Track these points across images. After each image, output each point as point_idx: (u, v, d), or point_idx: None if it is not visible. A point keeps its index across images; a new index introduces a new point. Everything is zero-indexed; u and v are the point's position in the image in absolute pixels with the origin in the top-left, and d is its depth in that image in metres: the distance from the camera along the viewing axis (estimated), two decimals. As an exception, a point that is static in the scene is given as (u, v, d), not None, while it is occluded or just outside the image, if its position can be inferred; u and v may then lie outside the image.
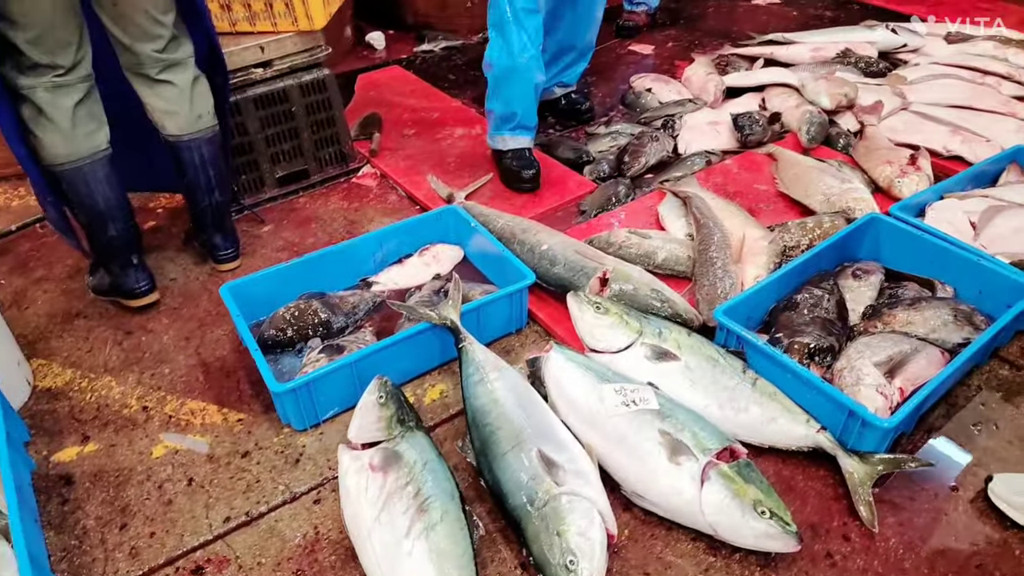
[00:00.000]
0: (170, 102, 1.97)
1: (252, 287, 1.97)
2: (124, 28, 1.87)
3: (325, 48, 2.55)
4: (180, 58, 1.96)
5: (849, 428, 1.58)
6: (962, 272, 1.94)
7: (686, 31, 4.06)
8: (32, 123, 1.78)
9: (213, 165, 2.07)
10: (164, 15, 1.89)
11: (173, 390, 1.88)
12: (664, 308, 1.89)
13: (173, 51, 1.95)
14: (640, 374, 1.71)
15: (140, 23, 1.86)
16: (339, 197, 2.66)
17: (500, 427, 1.53)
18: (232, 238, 2.26)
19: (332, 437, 1.73)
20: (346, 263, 2.11)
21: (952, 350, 1.79)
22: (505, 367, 1.68)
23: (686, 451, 1.46)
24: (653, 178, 2.64)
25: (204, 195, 2.10)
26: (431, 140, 2.95)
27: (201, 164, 2.04)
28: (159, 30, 1.89)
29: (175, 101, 1.96)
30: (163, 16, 1.89)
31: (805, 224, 2.20)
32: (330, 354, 1.82)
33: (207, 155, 2.04)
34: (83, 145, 1.83)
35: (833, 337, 1.79)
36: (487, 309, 1.90)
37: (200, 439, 1.74)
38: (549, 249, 2.06)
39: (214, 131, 2.07)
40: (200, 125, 2.02)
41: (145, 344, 2.02)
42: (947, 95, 2.97)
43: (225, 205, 2.18)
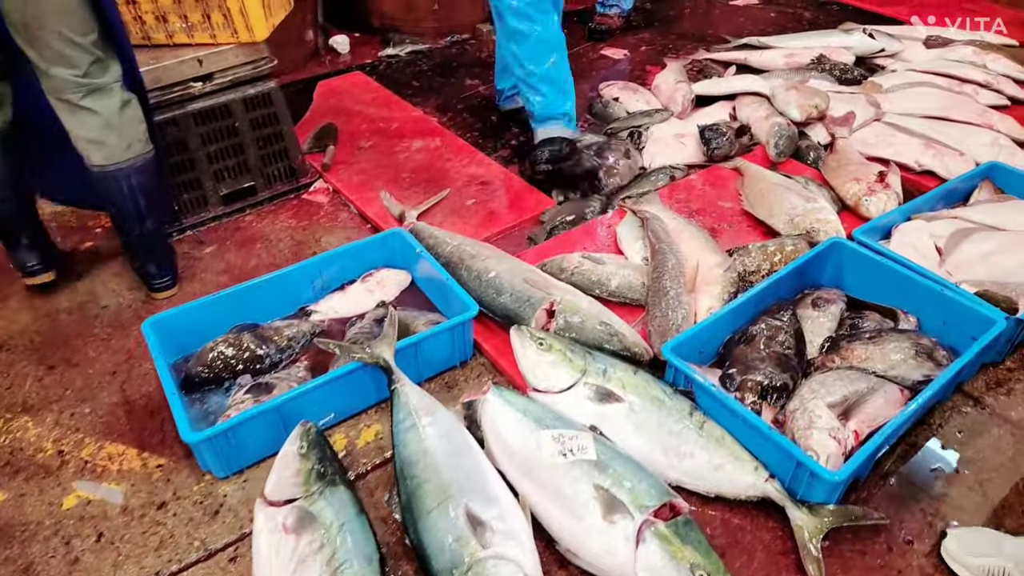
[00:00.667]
0: (94, 131, 1.83)
1: (180, 320, 1.86)
2: (39, 52, 1.74)
3: (271, 60, 2.43)
4: (104, 83, 1.82)
5: (798, 477, 1.49)
6: (926, 302, 1.85)
7: (660, 34, 3.95)
8: None
9: (144, 193, 1.94)
10: (82, 37, 1.75)
11: (92, 431, 1.77)
12: (613, 342, 1.80)
13: (97, 75, 1.80)
14: (583, 416, 1.61)
15: (55, 46, 1.72)
16: (288, 215, 2.55)
17: (427, 480, 1.44)
18: (167, 265, 2.15)
19: (256, 485, 1.63)
20: (283, 291, 2.01)
21: (912, 387, 1.70)
22: (440, 411, 1.59)
23: (621, 508, 1.37)
24: (616, 194, 2.54)
25: (134, 224, 1.98)
26: (388, 153, 2.83)
27: (131, 193, 1.91)
28: (77, 53, 1.75)
29: (100, 130, 1.83)
30: (81, 38, 1.75)
31: (766, 248, 2.10)
32: (257, 394, 1.72)
33: (137, 184, 1.92)
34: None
35: (788, 374, 1.69)
36: (427, 344, 1.80)
37: (115, 488, 1.64)
38: (496, 277, 1.96)
39: (147, 158, 1.94)
40: (131, 153, 1.89)
41: (68, 379, 1.92)
42: (923, 104, 2.88)
43: (157, 232, 2.07)
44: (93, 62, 1.79)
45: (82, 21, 1.74)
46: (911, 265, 1.90)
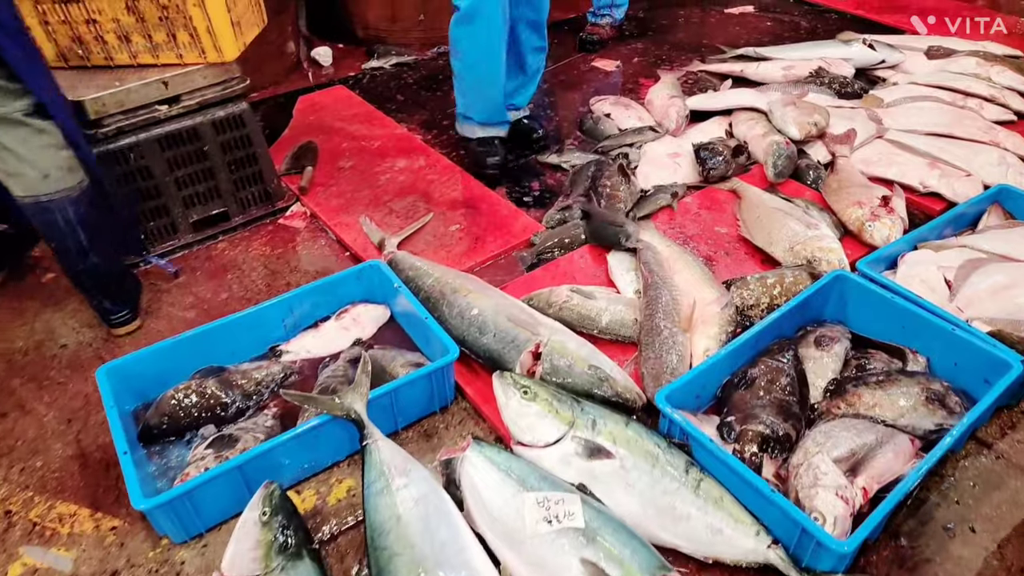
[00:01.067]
0: (6, 162, 1.70)
1: (139, 366, 1.74)
2: None
3: (242, 79, 2.31)
4: (5, 112, 1.66)
5: (803, 543, 1.37)
6: (936, 341, 1.74)
7: (654, 44, 3.83)
8: None
9: (83, 225, 1.81)
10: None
11: (43, 489, 1.65)
12: (603, 387, 1.68)
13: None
14: (570, 473, 1.49)
15: None
16: (262, 241, 2.43)
17: (400, 552, 1.32)
18: (123, 299, 2.01)
19: (217, 550, 1.50)
20: (251, 331, 1.88)
21: (923, 436, 1.59)
22: (415, 469, 1.47)
23: (611, 586, 1.25)
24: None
25: (75, 259, 1.85)
26: (369, 173, 2.71)
27: (67, 225, 1.78)
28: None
29: (11, 161, 1.70)
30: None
31: (765, 280, 1.98)
32: (219, 448, 1.59)
33: (74, 216, 1.78)
34: None
35: (790, 423, 1.58)
36: (404, 391, 1.67)
37: (64, 555, 1.51)
38: (479, 314, 1.84)
39: (77, 189, 1.79)
40: (52, 186, 1.74)
41: (20, 429, 1.79)
42: (926, 120, 2.77)
43: (106, 267, 1.93)
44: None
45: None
46: (920, 301, 1.78)
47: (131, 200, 2.15)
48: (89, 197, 1.82)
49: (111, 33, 2.09)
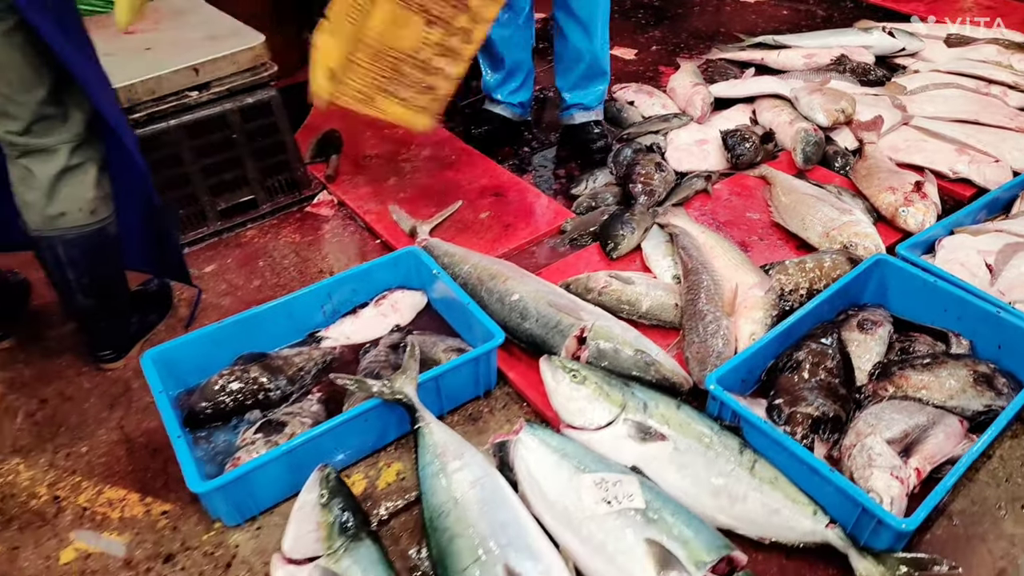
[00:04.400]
0: (28, 191, 1.60)
1: (182, 351, 1.73)
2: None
3: (271, 66, 2.29)
4: (47, 144, 1.56)
5: (862, 523, 1.38)
6: (980, 324, 1.74)
7: (671, 32, 3.82)
8: None
9: (76, 268, 1.67)
10: (23, 94, 1.49)
11: (90, 474, 1.64)
12: (650, 371, 1.68)
13: (39, 135, 1.54)
14: (623, 455, 1.49)
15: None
16: (291, 229, 2.42)
17: (460, 534, 1.31)
18: (113, 339, 1.88)
19: (271, 533, 1.50)
20: (291, 317, 1.87)
21: (972, 418, 1.59)
22: (469, 452, 1.46)
23: (677, 565, 1.26)
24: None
25: (65, 298, 1.75)
26: (394, 162, 2.70)
27: (57, 266, 1.67)
28: (15, 110, 1.51)
29: (32, 192, 1.59)
30: (21, 95, 1.49)
31: (804, 264, 1.98)
32: (268, 433, 1.59)
33: (66, 257, 1.65)
34: None
35: (839, 404, 1.58)
36: (449, 376, 1.67)
37: (117, 539, 1.50)
38: (520, 300, 1.84)
39: (82, 232, 1.64)
40: (60, 224, 1.62)
41: (62, 415, 1.78)
42: (950, 107, 2.77)
43: (95, 311, 1.79)
44: (37, 120, 1.53)
45: (22, 77, 1.48)
46: (963, 284, 1.79)
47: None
48: (91, 243, 1.68)
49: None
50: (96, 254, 1.70)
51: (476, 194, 2.52)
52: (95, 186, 1.63)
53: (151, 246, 1.91)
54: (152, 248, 1.92)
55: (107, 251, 1.73)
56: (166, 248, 1.93)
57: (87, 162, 1.61)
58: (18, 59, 1.44)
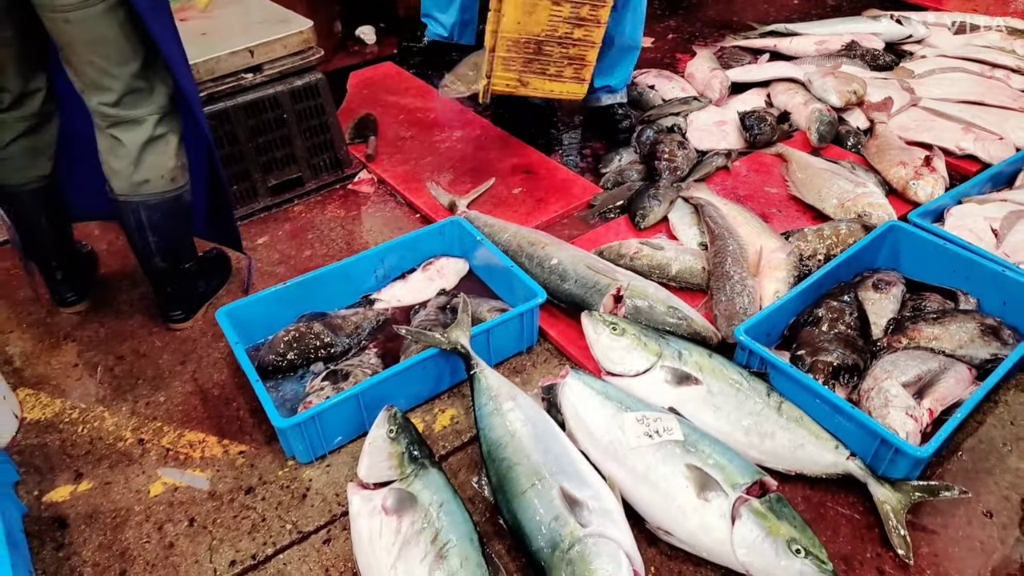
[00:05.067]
0: (116, 159, 1.73)
1: (249, 309, 1.88)
2: (75, 74, 1.65)
3: (317, 50, 2.44)
4: (136, 115, 1.69)
5: (880, 455, 1.52)
6: (986, 283, 1.88)
7: (686, 21, 3.96)
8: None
9: (156, 231, 1.81)
10: (118, 67, 1.62)
11: (170, 420, 1.79)
12: (682, 326, 1.82)
13: (129, 107, 1.67)
14: (660, 399, 1.64)
15: (87, 73, 1.63)
16: (336, 205, 2.56)
17: (518, 462, 1.46)
18: (179, 302, 2.02)
19: (339, 469, 1.65)
20: (347, 281, 2.02)
21: (979, 366, 1.73)
22: (520, 395, 1.61)
23: (715, 486, 1.40)
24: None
25: (144, 259, 1.89)
26: (429, 142, 2.84)
27: (139, 229, 1.80)
28: (109, 82, 1.63)
29: (119, 160, 1.72)
30: (117, 68, 1.62)
31: (822, 231, 2.13)
32: (334, 380, 1.74)
33: (148, 221, 1.79)
34: (14, 177, 1.82)
35: (857, 354, 1.73)
36: (497, 330, 1.82)
37: (200, 474, 1.65)
38: (559, 264, 1.98)
39: (163, 197, 1.78)
40: (144, 190, 1.75)
41: (138, 369, 1.93)
42: (956, 90, 2.90)
43: (168, 272, 1.92)
44: (127, 92, 1.66)
45: (120, 51, 1.60)
46: (971, 247, 1.93)
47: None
48: (171, 207, 1.82)
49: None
50: (173, 219, 1.85)
51: (508, 172, 2.66)
52: (175, 155, 1.78)
53: (213, 214, 2.06)
54: (213, 216, 2.07)
55: (182, 216, 1.87)
56: (225, 217, 2.08)
57: (169, 133, 1.76)
58: (117, 34, 1.58)
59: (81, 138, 1.81)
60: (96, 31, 1.57)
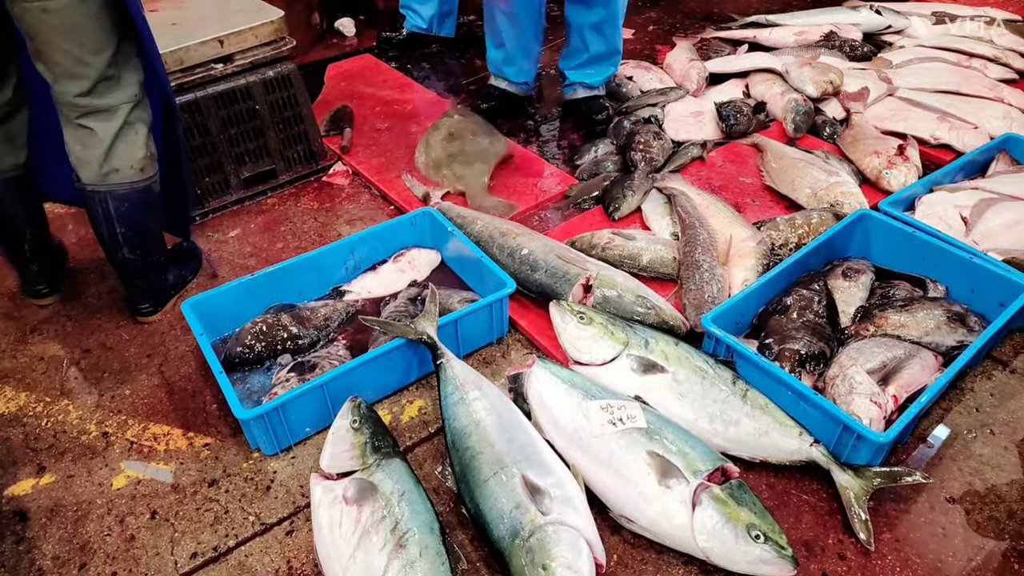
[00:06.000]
0: (85, 149, 1.71)
1: (217, 301, 1.86)
2: (45, 64, 1.63)
3: (289, 40, 2.42)
4: (108, 104, 1.67)
5: (843, 441, 1.52)
6: (954, 270, 1.89)
7: (667, 12, 3.95)
8: None
9: (124, 222, 1.79)
10: (93, 55, 1.60)
11: (135, 413, 1.78)
12: (650, 315, 1.82)
13: (101, 95, 1.66)
14: (627, 387, 1.64)
15: (60, 62, 1.60)
16: (309, 197, 2.55)
17: (481, 451, 1.46)
18: (151, 294, 2.00)
19: (305, 461, 1.64)
20: (316, 272, 2.01)
21: (946, 353, 1.74)
22: (486, 384, 1.60)
23: (676, 473, 1.40)
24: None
25: (110, 250, 1.86)
26: (405, 134, 2.83)
27: (106, 219, 1.78)
28: (83, 70, 1.61)
29: (90, 150, 1.70)
30: (91, 56, 1.60)
31: (794, 220, 2.13)
32: (300, 372, 1.73)
33: (115, 211, 1.77)
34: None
35: (824, 342, 1.73)
36: (466, 321, 1.81)
37: (164, 467, 1.64)
38: (530, 254, 1.97)
39: (132, 187, 1.77)
40: (112, 180, 1.74)
41: (104, 362, 1.91)
42: (933, 80, 2.91)
43: (135, 264, 1.89)
44: (100, 80, 1.64)
45: (95, 38, 1.59)
46: (939, 235, 1.93)
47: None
48: (140, 197, 1.80)
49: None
50: (142, 209, 1.83)
51: (483, 163, 2.64)
52: (145, 144, 1.77)
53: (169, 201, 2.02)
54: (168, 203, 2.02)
55: (151, 207, 1.86)
56: (180, 204, 2.05)
57: (139, 122, 1.75)
58: (94, 21, 1.57)
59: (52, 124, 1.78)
60: (73, 19, 1.56)
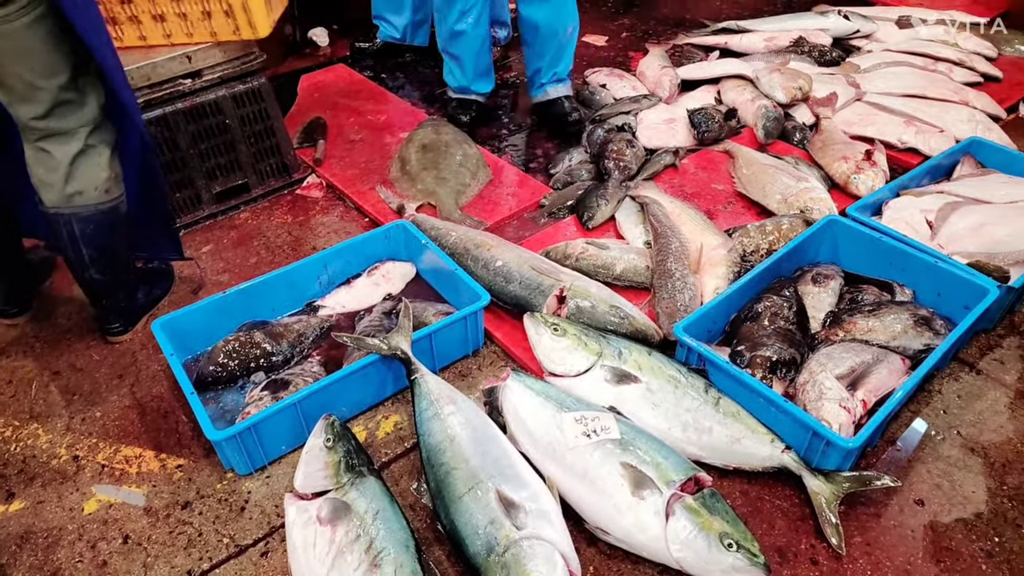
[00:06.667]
0: (46, 171, 1.69)
1: (188, 320, 1.85)
2: (1, 88, 1.60)
3: (259, 55, 2.40)
4: (66, 127, 1.66)
5: (813, 447, 1.54)
6: (920, 274, 1.92)
7: (639, 19, 3.98)
8: None
9: (90, 244, 1.78)
10: (46, 79, 1.58)
11: (106, 435, 1.75)
12: (624, 324, 1.83)
13: (58, 119, 1.64)
14: (601, 398, 1.65)
15: (13, 85, 1.58)
16: (283, 211, 2.53)
17: (456, 467, 1.46)
18: (121, 314, 1.98)
19: (279, 480, 1.63)
20: (290, 288, 2.00)
21: (913, 356, 1.77)
22: (460, 399, 1.61)
23: (650, 484, 1.41)
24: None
25: (77, 271, 1.85)
26: (379, 145, 2.82)
27: (72, 241, 1.76)
28: (36, 94, 1.59)
29: (50, 173, 1.69)
30: (44, 80, 1.58)
31: (764, 227, 2.15)
32: (274, 390, 1.72)
33: (80, 233, 1.75)
34: None
35: (794, 348, 1.75)
36: (441, 334, 1.81)
37: (136, 490, 1.62)
38: (504, 266, 1.98)
39: (97, 209, 1.75)
40: (76, 202, 1.72)
41: (75, 384, 1.89)
42: (900, 84, 2.96)
43: (104, 285, 1.88)
44: (57, 105, 1.62)
45: (47, 63, 1.56)
46: (906, 239, 1.96)
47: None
48: (106, 219, 1.78)
49: (146, 13, 2.15)
50: (108, 230, 1.81)
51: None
52: (108, 166, 1.74)
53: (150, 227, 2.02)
54: (151, 229, 2.02)
55: (118, 228, 1.84)
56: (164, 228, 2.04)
57: (101, 144, 1.72)
58: (44, 45, 1.54)
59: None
60: (24, 43, 1.53)
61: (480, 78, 2.91)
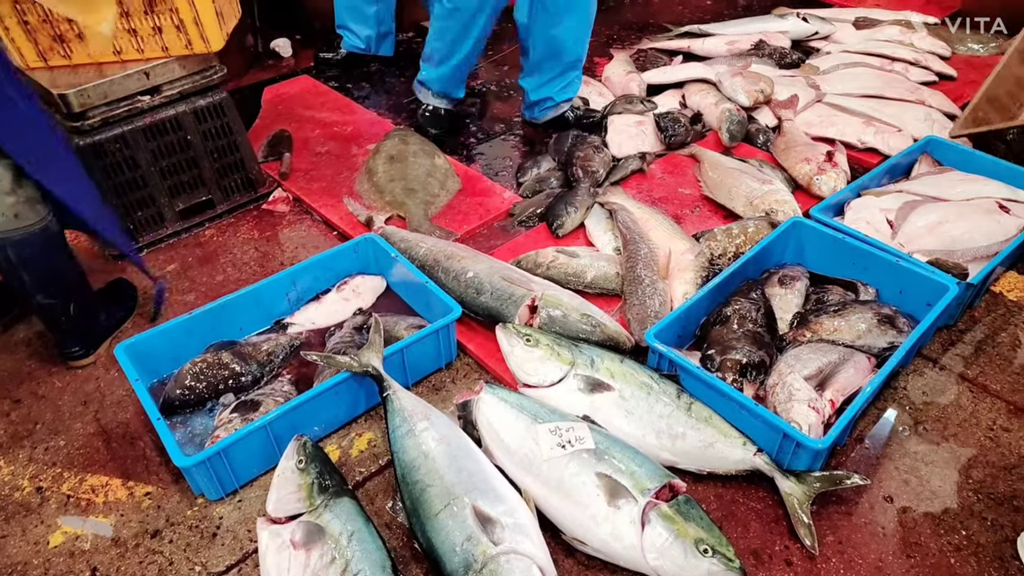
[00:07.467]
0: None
1: (153, 342, 1.81)
2: None
3: (220, 68, 2.37)
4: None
5: (784, 449, 1.56)
6: (883, 273, 1.96)
7: (604, 24, 4.00)
8: None
9: (26, 268, 1.75)
10: None
11: (71, 465, 1.71)
12: (596, 332, 1.84)
13: None
14: (575, 407, 1.65)
15: None
16: (249, 226, 2.50)
17: (431, 484, 1.45)
18: (79, 335, 1.93)
19: (252, 504, 1.61)
20: (257, 306, 1.97)
21: (878, 354, 1.80)
22: (434, 414, 1.60)
23: (625, 493, 1.42)
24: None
25: (25, 298, 1.81)
26: (345, 157, 2.80)
27: (7, 266, 1.74)
28: None
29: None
30: None
31: (730, 231, 2.18)
32: (244, 412, 1.69)
33: (14, 257, 1.72)
34: None
35: (763, 351, 1.77)
36: (413, 349, 1.80)
37: (103, 520, 1.58)
38: (475, 277, 1.97)
39: (25, 233, 1.70)
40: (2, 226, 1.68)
41: (36, 413, 1.84)
42: (858, 85, 3.02)
43: (54, 309, 1.84)
44: None
45: None
46: (867, 239, 2.00)
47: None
48: (41, 240, 1.74)
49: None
50: (43, 252, 1.76)
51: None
52: (11, 191, 1.67)
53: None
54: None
55: (52, 249, 1.78)
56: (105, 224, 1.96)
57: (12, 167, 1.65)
58: None
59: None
60: None
61: (461, 84, 2.90)
